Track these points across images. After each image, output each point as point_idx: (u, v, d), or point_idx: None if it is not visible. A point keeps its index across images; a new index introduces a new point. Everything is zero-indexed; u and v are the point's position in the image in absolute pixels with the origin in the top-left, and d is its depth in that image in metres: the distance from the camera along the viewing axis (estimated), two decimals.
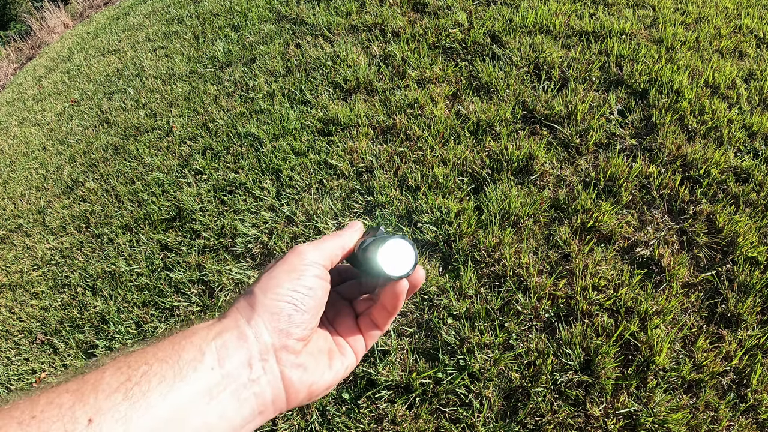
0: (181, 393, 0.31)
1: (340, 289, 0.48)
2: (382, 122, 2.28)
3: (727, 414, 1.30)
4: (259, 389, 0.35)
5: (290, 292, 0.37)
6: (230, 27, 3.67)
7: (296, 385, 0.37)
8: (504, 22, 2.68)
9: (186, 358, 0.32)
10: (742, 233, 1.63)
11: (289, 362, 0.37)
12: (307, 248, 0.40)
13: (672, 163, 1.88)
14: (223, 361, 0.34)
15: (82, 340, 1.89)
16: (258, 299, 0.37)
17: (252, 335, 0.35)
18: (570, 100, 2.16)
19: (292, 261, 0.39)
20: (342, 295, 0.48)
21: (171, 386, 0.30)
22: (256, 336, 0.36)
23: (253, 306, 0.36)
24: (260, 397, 0.35)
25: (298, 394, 0.37)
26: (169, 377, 0.31)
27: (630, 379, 1.37)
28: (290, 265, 0.38)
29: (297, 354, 0.37)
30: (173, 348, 0.33)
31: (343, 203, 1.99)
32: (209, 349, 0.34)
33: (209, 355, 0.33)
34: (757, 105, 2.08)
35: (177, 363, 0.32)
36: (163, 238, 2.16)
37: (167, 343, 0.34)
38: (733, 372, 1.37)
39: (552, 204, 1.82)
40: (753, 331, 1.44)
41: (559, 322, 1.50)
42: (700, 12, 2.66)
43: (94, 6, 7.06)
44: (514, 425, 1.33)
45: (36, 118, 4.07)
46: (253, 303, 0.37)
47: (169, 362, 0.32)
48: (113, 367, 0.31)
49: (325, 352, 0.41)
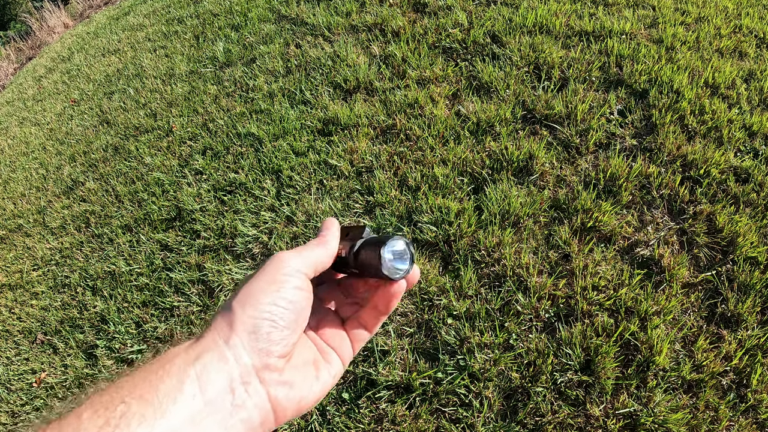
0: (163, 431, 0.30)
1: (320, 294, 0.46)
2: (382, 122, 2.28)
3: (727, 414, 1.30)
4: (246, 415, 0.33)
5: (269, 307, 0.35)
6: (230, 27, 3.67)
7: (283, 403, 0.36)
8: (504, 22, 2.68)
9: (164, 391, 0.31)
10: (742, 233, 1.63)
11: (273, 381, 0.35)
12: (289, 256, 0.38)
13: (672, 163, 1.88)
14: (205, 387, 0.32)
15: (82, 340, 1.89)
16: (236, 316, 0.35)
17: (232, 357, 0.34)
18: (570, 100, 2.16)
19: (271, 271, 0.36)
20: (323, 299, 0.46)
21: (152, 426, 0.29)
22: (235, 358, 0.34)
23: (231, 325, 0.35)
24: (248, 422, 0.34)
25: (286, 412, 0.36)
26: (149, 416, 0.29)
27: (630, 379, 1.37)
28: (269, 276, 0.36)
29: (280, 371, 0.36)
30: (150, 380, 0.31)
31: (343, 203, 1.99)
32: (188, 377, 0.32)
33: (189, 384, 0.32)
34: (757, 105, 2.08)
35: (156, 397, 0.30)
36: (163, 238, 2.16)
37: (144, 373, 0.32)
38: (733, 372, 1.37)
39: (552, 204, 1.82)
40: (753, 331, 1.44)
41: (559, 322, 1.50)
42: (700, 12, 2.66)
43: (94, 6, 7.06)
44: (514, 425, 1.33)
45: (36, 118, 4.07)
46: (231, 321, 0.35)
47: (147, 398, 0.30)
48: (90, 410, 0.29)
49: (310, 363, 0.40)
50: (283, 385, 0.36)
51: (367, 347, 1.54)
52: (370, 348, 1.54)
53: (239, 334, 0.34)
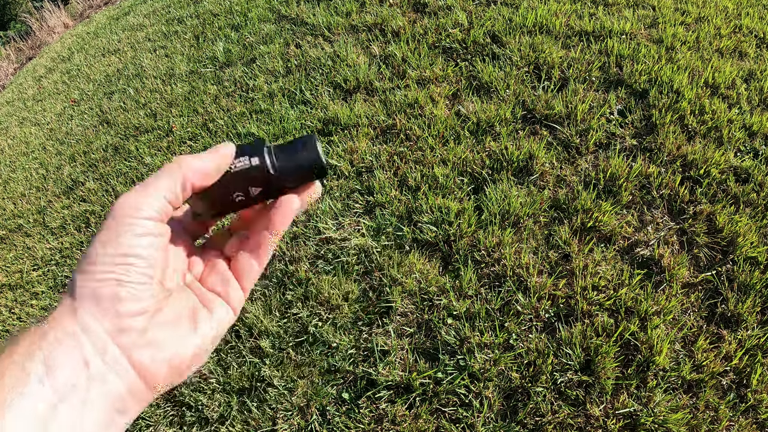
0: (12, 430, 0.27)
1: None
2: (382, 122, 2.28)
3: (727, 414, 1.30)
4: (106, 388, 0.30)
5: (109, 267, 0.31)
6: (230, 27, 3.67)
7: (151, 367, 0.32)
8: (504, 22, 2.68)
9: (9, 385, 0.28)
10: (742, 233, 1.63)
11: (133, 344, 0.32)
12: (127, 199, 0.32)
13: (672, 163, 1.88)
14: (53, 371, 0.29)
15: None
16: (77, 283, 0.31)
17: (79, 329, 0.30)
18: (570, 100, 2.16)
19: (109, 224, 0.32)
20: (207, 241, 0.41)
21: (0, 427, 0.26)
22: (83, 329, 0.30)
23: (73, 294, 0.31)
24: (110, 395, 0.30)
25: (157, 376, 0.32)
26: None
27: (630, 379, 1.37)
28: (108, 231, 0.32)
29: (141, 332, 0.32)
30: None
31: (343, 203, 1.99)
32: (33, 364, 0.29)
33: (35, 371, 0.28)
34: (757, 105, 2.08)
35: (0, 394, 0.27)
36: None
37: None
38: (733, 372, 1.37)
39: (552, 204, 1.82)
40: (753, 331, 1.44)
41: (559, 322, 1.50)
42: (700, 12, 2.66)
43: (94, 6, 7.06)
44: (514, 425, 1.33)
45: (36, 118, 4.07)
46: (72, 290, 0.31)
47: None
48: None
49: (185, 315, 0.35)
50: (148, 347, 0.32)
51: (367, 347, 1.54)
52: (370, 348, 1.54)
53: (82, 301, 0.31)
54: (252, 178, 0.37)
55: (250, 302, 1.75)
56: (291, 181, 0.38)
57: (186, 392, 1.55)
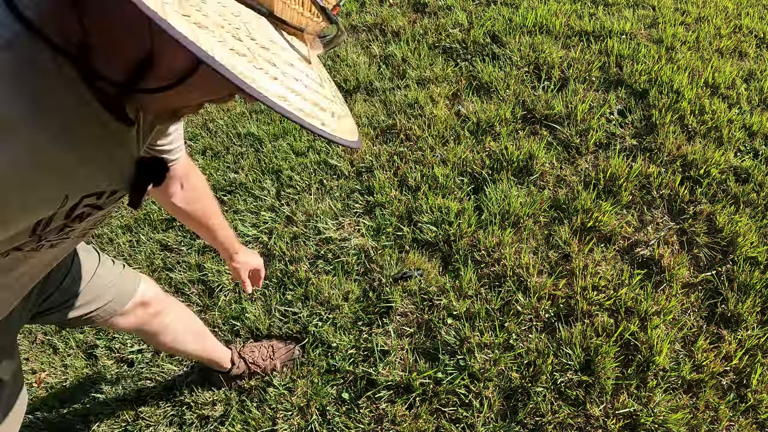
0: None
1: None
2: (382, 122, 2.28)
3: (727, 414, 1.30)
4: None
5: None
6: None
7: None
8: (504, 22, 2.68)
9: None
10: (742, 233, 1.63)
11: None
12: None
13: (672, 163, 1.88)
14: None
15: (82, 340, 1.89)
16: None
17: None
18: (570, 100, 2.16)
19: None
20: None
21: None
22: None
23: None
24: None
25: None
26: None
27: (630, 379, 1.37)
28: None
29: None
30: None
31: (343, 203, 1.99)
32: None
33: None
34: (757, 105, 2.08)
35: None
36: (163, 238, 2.16)
37: None
38: (733, 372, 1.38)
39: (552, 204, 1.82)
40: (753, 331, 1.44)
41: (559, 322, 1.50)
42: (700, 12, 2.66)
43: None
44: (514, 425, 1.33)
45: None
46: None
47: None
48: None
49: None
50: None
51: (367, 347, 1.54)
52: (370, 348, 1.54)
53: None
54: None
55: (251, 302, 1.76)
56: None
57: (186, 392, 1.55)
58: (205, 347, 1.38)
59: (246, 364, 1.50)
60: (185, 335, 1.28)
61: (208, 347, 1.38)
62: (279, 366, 1.53)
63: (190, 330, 1.31)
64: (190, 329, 1.31)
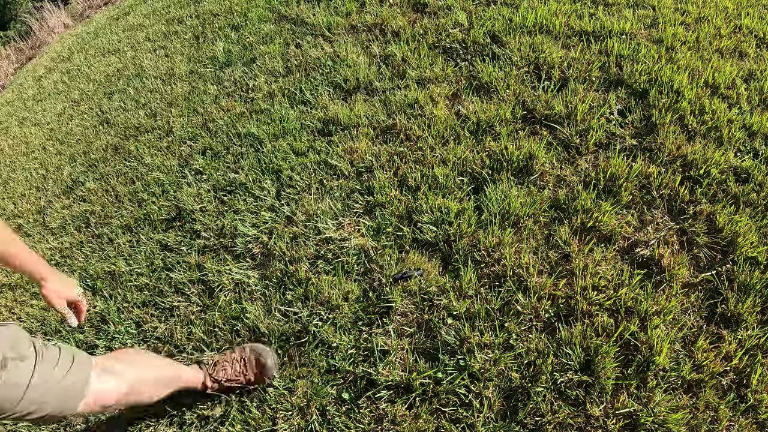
0: None
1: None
2: (382, 122, 2.28)
3: (727, 414, 1.30)
4: None
5: None
6: (230, 27, 3.67)
7: None
8: (504, 22, 2.68)
9: None
10: (742, 233, 1.63)
11: None
12: None
13: (672, 163, 1.88)
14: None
15: (82, 340, 1.89)
16: None
17: None
18: (570, 100, 2.16)
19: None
20: None
21: None
22: None
23: None
24: None
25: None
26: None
27: (630, 379, 1.37)
28: None
29: None
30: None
31: (343, 203, 1.99)
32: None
33: None
34: (757, 105, 2.08)
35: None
36: (163, 238, 2.16)
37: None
38: (733, 372, 1.37)
39: (552, 204, 1.82)
40: (753, 331, 1.44)
41: (559, 322, 1.50)
42: (700, 12, 2.66)
43: (94, 6, 7.05)
44: (514, 425, 1.33)
45: (36, 118, 4.07)
46: None
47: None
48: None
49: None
50: None
51: (367, 347, 1.54)
52: (370, 348, 1.54)
53: None
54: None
55: (251, 302, 1.76)
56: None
57: (186, 392, 1.55)
58: (179, 384, 1.39)
59: (221, 385, 1.49)
60: (157, 389, 1.30)
61: (181, 383, 1.40)
62: (259, 375, 1.51)
63: (160, 381, 1.32)
64: (160, 380, 1.32)
